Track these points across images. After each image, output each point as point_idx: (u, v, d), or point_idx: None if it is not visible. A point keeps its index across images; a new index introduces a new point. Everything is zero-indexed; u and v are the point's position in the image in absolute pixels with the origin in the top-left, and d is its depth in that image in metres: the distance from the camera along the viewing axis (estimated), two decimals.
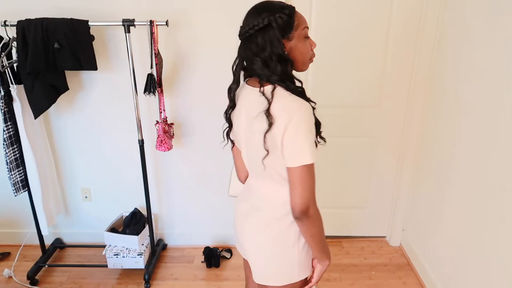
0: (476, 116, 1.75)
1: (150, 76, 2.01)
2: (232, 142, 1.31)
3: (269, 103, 1.05)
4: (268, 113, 1.04)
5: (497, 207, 1.59)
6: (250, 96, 1.14)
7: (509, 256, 1.52)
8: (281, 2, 1.11)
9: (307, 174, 1.06)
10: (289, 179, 1.09)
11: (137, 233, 2.32)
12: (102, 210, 2.54)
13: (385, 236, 2.72)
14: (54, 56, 1.92)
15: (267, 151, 1.09)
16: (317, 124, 1.11)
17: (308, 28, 1.12)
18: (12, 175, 2.12)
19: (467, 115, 1.82)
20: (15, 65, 2.02)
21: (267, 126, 1.05)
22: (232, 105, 1.21)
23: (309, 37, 1.14)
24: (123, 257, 2.28)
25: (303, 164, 1.05)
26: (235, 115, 1.22)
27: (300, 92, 1.09)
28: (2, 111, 2.01)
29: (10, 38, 1.94)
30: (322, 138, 1.16)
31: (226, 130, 1.29)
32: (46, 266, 2.41)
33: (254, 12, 1.09)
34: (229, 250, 2.55)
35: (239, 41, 1.14)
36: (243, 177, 1.37)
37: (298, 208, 1.08)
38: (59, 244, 2.61)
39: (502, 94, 1.56)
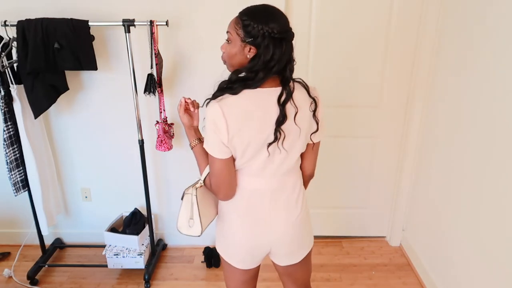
0: (476, 116, 1.75)
1: (150, 76, 2.01)
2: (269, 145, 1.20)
3: (309, 91, 1.23)
4: (313, 99, 1.23)
5: (497, 207, 1.59)
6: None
7: (509, 256, 1.52)
8: None
9: None
10: (313, 151, 1.31)
11: (137, 233, 2.32)
12: (102, 210, 2.54)
13: (385, 236, 2.72)
14: (54, 56, 1.92)
15: (317, 128, 1.25)
16: None
17: None
18: (12, 175, 2.12)
19: (467, 115, 1.82)
20: (15, 65, 2.02)
21: (314, 109, 1.23)
22: (284, 115, 1.16)
23: None
24: (123, 257, 2.28)
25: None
26: (261, 120, 1.16)
27: None
28: (2, 111, 2.01)
29: (10, 38, 1.94)
30: None
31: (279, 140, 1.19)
32: (46, 266, 2.41)
33: (282, 14, 1.14)
34: None
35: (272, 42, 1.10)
36: (234, 191, 1.29)
37: (315, 170, 1.36)
38: (59, 244, 2.61)
39: (503, 94, 1.56)
